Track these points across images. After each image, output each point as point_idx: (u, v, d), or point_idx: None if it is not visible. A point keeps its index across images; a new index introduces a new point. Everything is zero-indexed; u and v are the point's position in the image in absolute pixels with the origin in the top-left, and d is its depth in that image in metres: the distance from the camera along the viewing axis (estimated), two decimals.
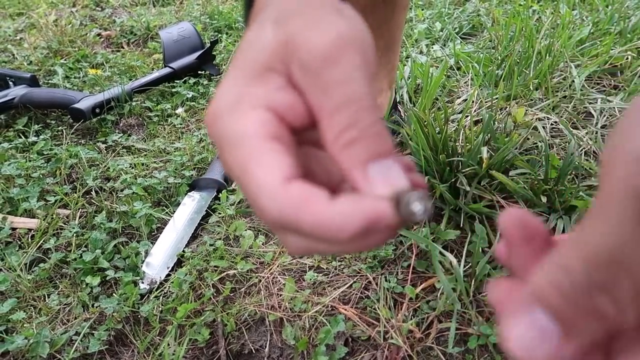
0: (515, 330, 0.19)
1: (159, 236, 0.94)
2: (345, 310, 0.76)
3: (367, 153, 0.22)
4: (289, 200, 0.21)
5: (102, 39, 1.91)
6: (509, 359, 0.20)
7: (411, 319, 0.74)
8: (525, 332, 0.18)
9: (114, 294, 0.82)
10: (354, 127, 0.22)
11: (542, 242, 0.21)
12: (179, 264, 0.89)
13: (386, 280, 0.80)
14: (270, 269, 0.85)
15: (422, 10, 1.88)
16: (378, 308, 0.75)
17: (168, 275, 0.86)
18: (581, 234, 0.17)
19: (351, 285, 0.80)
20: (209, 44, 1.53)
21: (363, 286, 0.80)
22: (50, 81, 1.55)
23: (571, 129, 1.01)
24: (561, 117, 1.09)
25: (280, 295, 0.80)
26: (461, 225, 0.83)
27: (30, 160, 1.13)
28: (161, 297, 0.82)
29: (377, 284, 0.80)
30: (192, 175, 1.09)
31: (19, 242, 0.94)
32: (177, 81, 1.47)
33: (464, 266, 0.77)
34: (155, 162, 1.15)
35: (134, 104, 1.37)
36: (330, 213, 0.20)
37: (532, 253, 0.21)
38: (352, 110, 0.22)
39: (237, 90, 0.24)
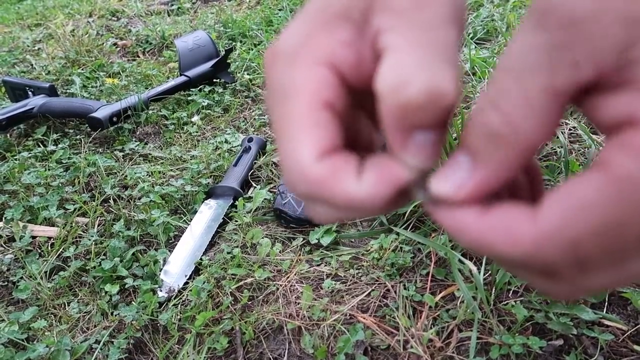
0: (441, 176, 0.20)
1: (176, 244, 0.94)
2: (364, 318, 0.76)
3: (418, 121, 0.20)
4: (318, 178, 0.20)
5: (118, 49, 1.94)
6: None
7: (431, 327, 0.73)
8: (449, 174, 0.20)
9: (132, 302, 0.82)
10: None
11: None
12: (196, 272, 0.89)
13: (405, 289, 0.79)
14: (288, 277, 0.85)
15: None
16: (397, 317, 0.75)
17: (186, 283, 0.86)
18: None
19: (369, 293, 0.80)
20: (224, 52, 1.54)
21: (382, 294, 0.80)
22: (68, 90, 1.58)
23: (590, 134, 0.99)
24: (580, 122, 1.08)
25: (298, 303, 0.80)
26: None
27: (49, 169, 1.15)
28: (179, 306, 0.82)
29: (395, 292, 0.79)
30: (208, 183, 1.09)
31: (39, 251, 0.95)
32: (193, 89, 1.49)
33: (484, 274, 0.76)
34: (171, 170, 1.16)
35: (150, 112, 1.39)
36: (358, 190, 0.20)
37: None
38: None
39: (303, 34, 0.22)
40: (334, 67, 0.21)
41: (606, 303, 0.72)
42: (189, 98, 1.46)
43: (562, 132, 1.04)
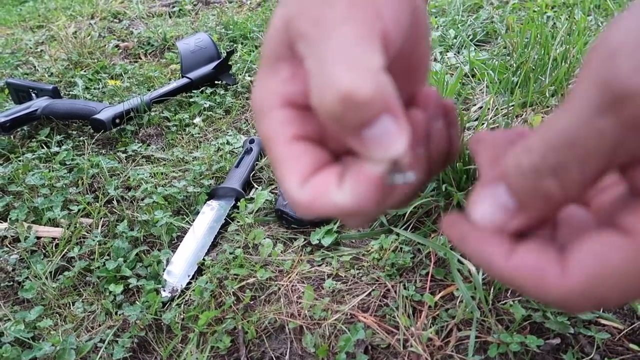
0: (480, 204, 0.22)
1: (179, 244, 0.95)
2: (365, 318, 0.77)
3: (353, 122, 0.21)
4: (305, 202, 0.23)
5: (120, 50, 1.95)
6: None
7: (430, 327, 0.74)
8: (488, 205, 0.22)
9: (136, 302, 0.83)
10: None
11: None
12: (199, 272, 0.90)
13: (405, 288, 0.80)
14: (290, 277, 0.86)
15: (436, 17, 1.88)
16: (397, 316, 0.76)
17: (189, 283, 0.88)
18: (549, 120, 0.19)
19: (370, 293, 0.81)
20: (225, 54, 1.56)
21: (382, 294, 0.81)
22: (70, 92, 1.59)
23: None
24: None
25: (300, 303, 0.81)
26: None
27: (53, 170, 1.16)
28: (183, 305, 0.83)
29: (395, 292, 0.80)
30: (210, 184, 1.10)
31: (44, 251, 0.96)
32: (195, 91, 1.50)
33: (483, 274, 0.78)
34: (174, 171, 1.17)
35: (152, 114, 1.40)
36: (343, 200, 0.22)
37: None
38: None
39: (260, 87, 0.25)
40: (289, 103, 0.24)
41: None
42: (191, 100, 1.47)
43: None
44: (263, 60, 0.25)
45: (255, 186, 1.10)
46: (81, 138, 1.32)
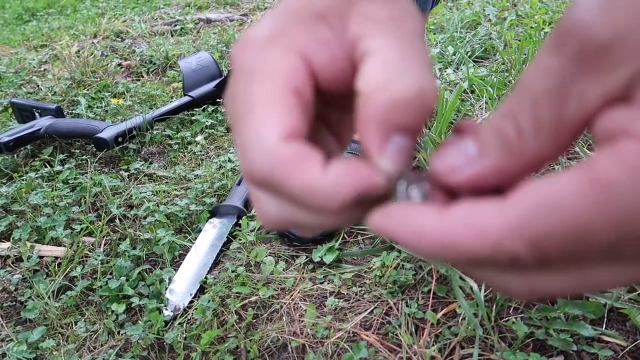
0: (446, 154, 0.20)
1: (181, 263, 0.96)
2: (367, 336, 0.77)
3: (403, 120, 0.20)
4: (282, 159, 0.20)
5: (123, 69, 1.97)
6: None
7: (433, 344, 0.74)
8: (452, 153, 0.19)
9: (139, 321, 0.83)
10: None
11: None
12: (201, 290, 0.90)
13: (407, 306, 0.80)
14: (292, 295, 0.86)
15: (435, 34, 1.91)
16: (400, 334, 0.76)
17: (191, 302, 0.88)
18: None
19: (372, 310, 0.81)
20: (227, 72, 1.57)
21: (384, 312, 0.81)
22: (73, 111, 1.60)
23: (587, 151, 1.01)
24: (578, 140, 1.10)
25: (302, 321, 0.81)
26: None
27: (56, 189, 1.17)
28: (185, 324, 0.83)
29: (398, 310, 0.80)
30: (212, 202, 1.11)
31: (47, 270, 0.96)
32: (196, 109, 1.51)
33: (485, 291, 0.78)
34: (176, 189, 1.18)
35: (154, 132, 1.41)
36: (322, 179, 0.19)
37: None
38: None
39: (278, 27, 0.22)
40: (307, 61, 0.22)
41: (605, 319, 0.73)
42: (193, 118, 1.48)
43: None
44: (298, 9, 0.22)
45: None
46: (84, 157, 1.33)
